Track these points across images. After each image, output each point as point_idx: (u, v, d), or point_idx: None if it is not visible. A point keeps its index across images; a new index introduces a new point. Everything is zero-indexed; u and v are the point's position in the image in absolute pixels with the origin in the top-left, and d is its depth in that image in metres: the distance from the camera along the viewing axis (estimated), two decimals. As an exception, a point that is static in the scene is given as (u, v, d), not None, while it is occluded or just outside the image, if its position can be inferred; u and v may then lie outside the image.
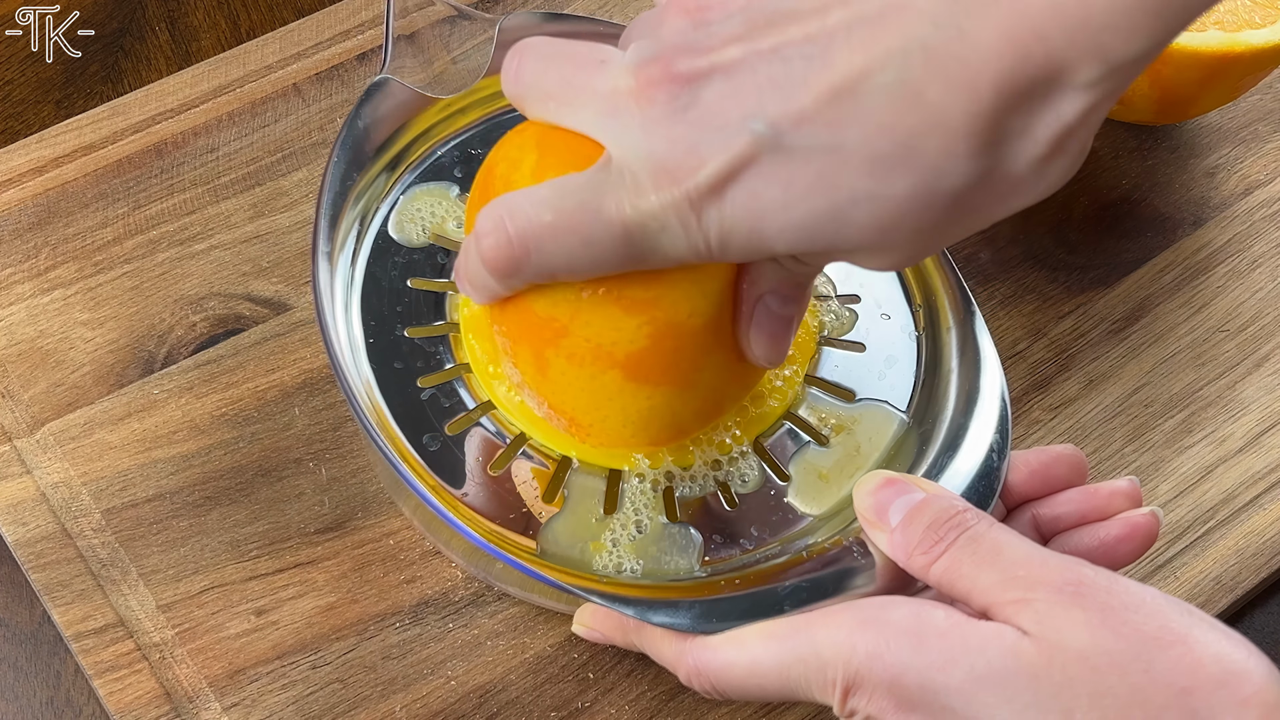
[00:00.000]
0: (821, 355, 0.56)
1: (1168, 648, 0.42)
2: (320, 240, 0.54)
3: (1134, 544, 0.50)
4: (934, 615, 0.44)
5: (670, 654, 0.49)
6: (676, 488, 0.53)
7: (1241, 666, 0.42)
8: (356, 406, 0.52)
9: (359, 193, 0.56)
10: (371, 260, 0.56)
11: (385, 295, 0.55)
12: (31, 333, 0.61)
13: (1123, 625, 0.42)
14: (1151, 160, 0.71)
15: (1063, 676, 0.42)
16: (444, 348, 0.55)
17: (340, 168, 0.56)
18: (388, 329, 0.55)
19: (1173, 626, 0.42)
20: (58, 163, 0.65)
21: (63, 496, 0.57)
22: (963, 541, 0.45)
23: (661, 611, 0.48)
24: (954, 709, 0.43)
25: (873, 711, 0.44)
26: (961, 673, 0.43)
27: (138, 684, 0.54)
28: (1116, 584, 0.43)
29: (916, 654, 0.43)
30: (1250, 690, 0.41)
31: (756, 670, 0.47)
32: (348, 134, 0.56)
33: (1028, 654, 0.42)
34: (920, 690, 0.43)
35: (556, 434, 0.53)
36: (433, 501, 0.51)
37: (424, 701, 0.55)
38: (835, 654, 0.44)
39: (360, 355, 0.54)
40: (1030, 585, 0.43)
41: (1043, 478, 0.52)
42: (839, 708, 0.45)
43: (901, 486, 0.48)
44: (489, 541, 0.50)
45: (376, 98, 0.57)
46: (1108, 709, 0.41)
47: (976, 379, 0.55)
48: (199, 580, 0.56)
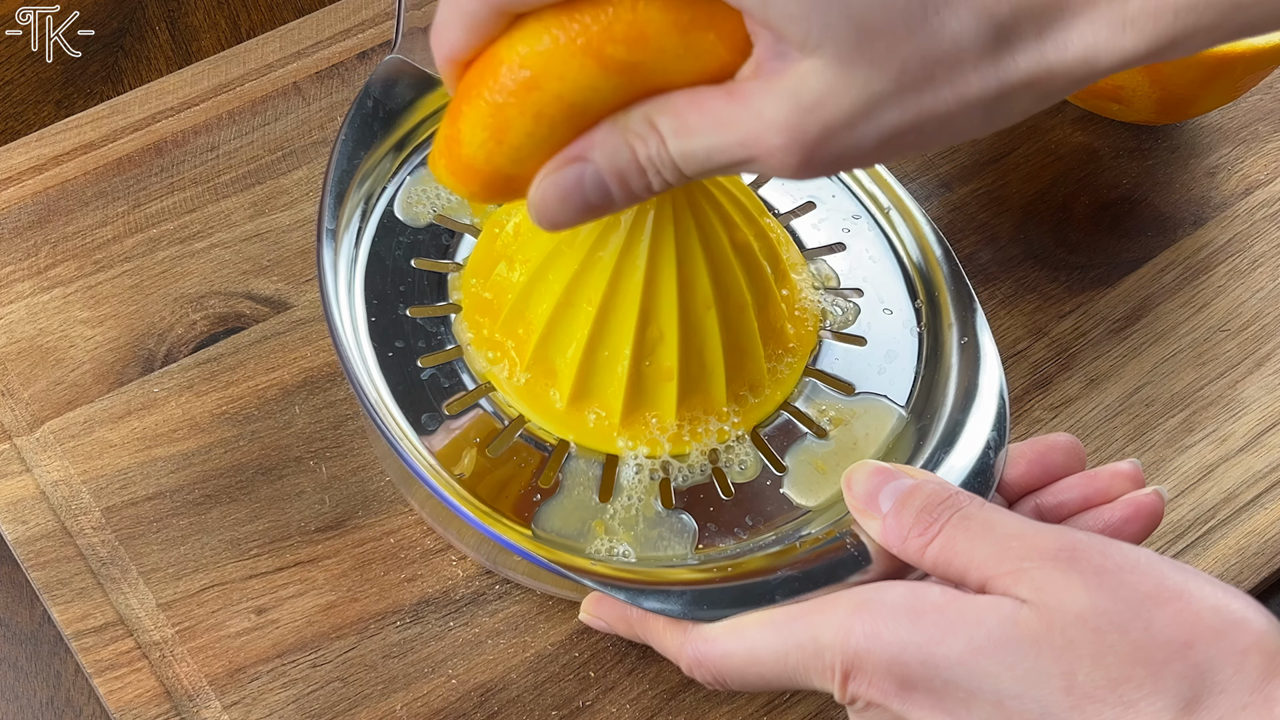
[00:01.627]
0: (822, 348, 0.56)
1: (1165, 604, 0.42)
2: (325, 217, 0.54)
3: (1140, 524, 0.50)
4: (929, 592, 0.44)
5: (672, 645, 0.49)
6: (673, 475, 0.53)
7: (1240, 616, 0.42)
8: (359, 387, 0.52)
9: (365, 172, 0.56)
10: (376, 240, 0.56)
11: (389, 274, 0.56)
12: (31, 331, 0.61)
13: (1119, 585, 0.42)
14: (1151, 160, 0.71)
15: (1063, 640, 0.42)
16: (445, 328, 0.55)
17: (347, 146, 0.56)
18: (390, 308, 0.55)
19: (1168, 583, 0.42)
20: (58, 161, 0.65)
21: (63, 495, 0.57)
22: (955, 520, 0.45)
23: (653, 597, 0.48)
24: (956, 682, 0.43)
25: (874, 695, 0.44)
26: (961, 644, 0.43)
27: (138, 682, 0.54)
28: (1110, 546, 0.44)
29: (914, 630, 0.43)
30: (1251, 639, 0.41)
31: (755, 659, 0.46)
32: (355, 113, 0.56)
33: (1027, 621, 0.42)
34: (921, 666, 0.43)
35: (555, 417, 0.53)
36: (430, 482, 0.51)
37: (425, 700, 0.55)
38: (833, 638, 0.44)
39: (362, 333, 0.54)
40: (1024, 555, 0.44)
41: (1041, 467, 0.52)
42: (840, 693, 0.45)
43: (890, 473, 0.48)
44: (484, 523, 0.50)
45: (386, 78, 0.57)
46: (1110, 668, 0.41)
47: (976, 375, 0.55)
48: (199, 579, 0.56)
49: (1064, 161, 0.71)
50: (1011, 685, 0.42)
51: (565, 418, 0.53)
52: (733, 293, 0.52)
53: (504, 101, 0.44)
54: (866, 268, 0.59)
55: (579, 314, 0.52)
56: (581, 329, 0.52)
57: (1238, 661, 0.41)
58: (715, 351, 0.53)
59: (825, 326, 0.57)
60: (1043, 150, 0.71)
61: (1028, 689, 0.42)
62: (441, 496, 0.51)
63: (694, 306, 0.52)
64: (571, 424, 0.53)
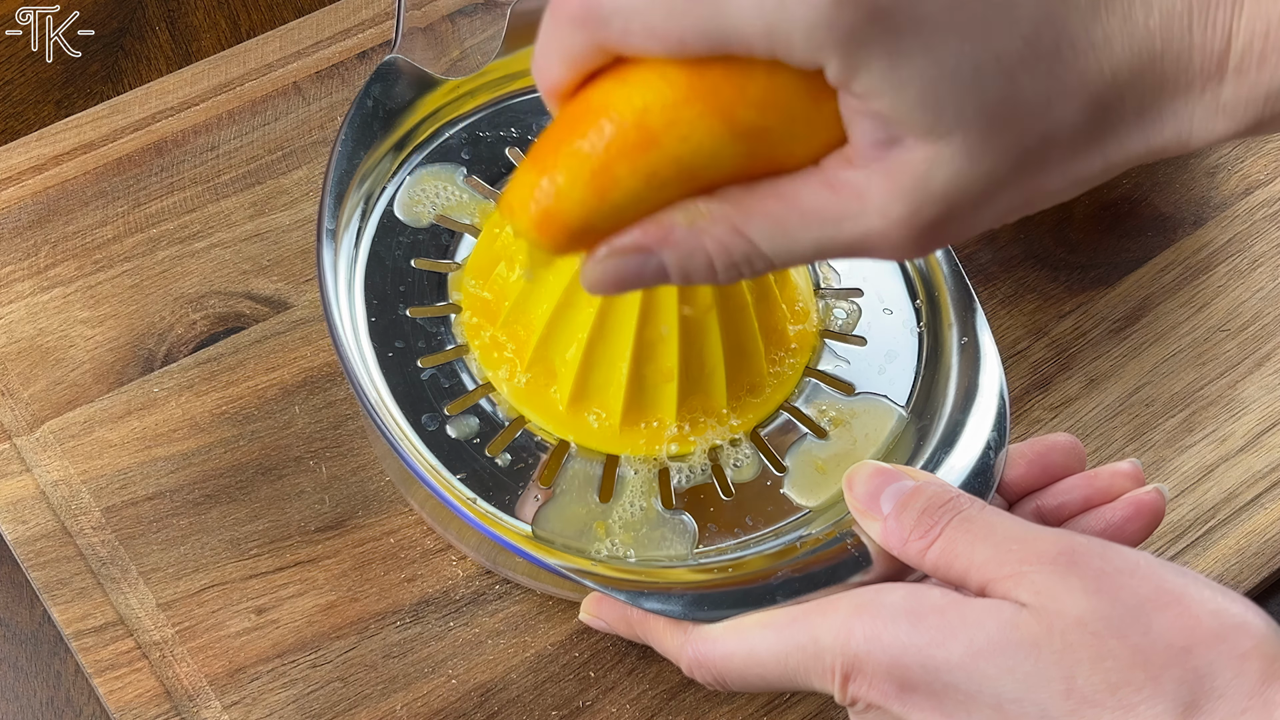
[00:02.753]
0: (822, 348, 0.56)
1: (1165, 608, 0.42)
2: (325, 217, 0.54)
3: (1141, 522, 0.50)
4: (930, 595, 0.44)
5: (672, 645, 0.49)
6: (673, 475, 0.53)
7: (1239, 620, 0.42)
8: (358, 388, 0.52)
9: (365, 172, 0.56)
10: (376, 240, 0.56)
11: (389, 275, 0.56)
12: (31, 331, 0.61)
13: (1119, 589, 0.42)
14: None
15: (1063, 643, 0.42)
16: (445, 328, 0.55)
17: (347, 146, 0.56)
18: (390, 308, 0.55)
19: (1168, 587, 0.42)
20: (58, 160, 0.65)
21: (62, 494, 0.57)
22: (956, 523, 0.45)
23: (654, 598, 0.48)
24: (956, 685, 0.43)
25: (874, 697, 0.44)
26: (961, 647, 0.43)
27: (138, 682, 0.54)
28: (1109, 550, 0.44)
29: (914, 633, 0.43)
30: (1250, 644, 0.41)
31: (756, 660, 0.47)
32: (356, 113, 0.56)
33: (1027, 624, 0.42)
34: (921, 669, 0.43)
35: (556, 418, 0.53)
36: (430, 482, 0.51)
37: (425, 700, 0.55)
38: (833, 640, 0.44)
39: (362, 333, 0.54)
40: (1024, 559, 0.44)
41: (1041, 467, 0.52)
42: (840, 695, 0.45)
43: (891, 475, 0.48)
44: (484, 523, 0.50)
45: (386, 78, 0.57)
46: (1109, 672, 0.41)
47: (976, 376, 0.55)
48: (199, 578, 0.56)
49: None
50: (1011, 689, 0.42)
51: (566, 418, 0.53)
52: (733, 293, 0.52)
53: (614, 159, 0.40)
54: (867, 268, 0.59)
55: (579, 315, 0.52)
56: (581, 330, 0.52)
57: (1237, 666, 0.41)
58: (716, 352, 0.53)
59: (826, 327, 0.57)
60: (1043, 150, 0.71)
61: (1027, 692, 0.42)
62: (441, 497, 0.51)
63: (694, 307, 0.52)
64: (572, 425, 0.53)
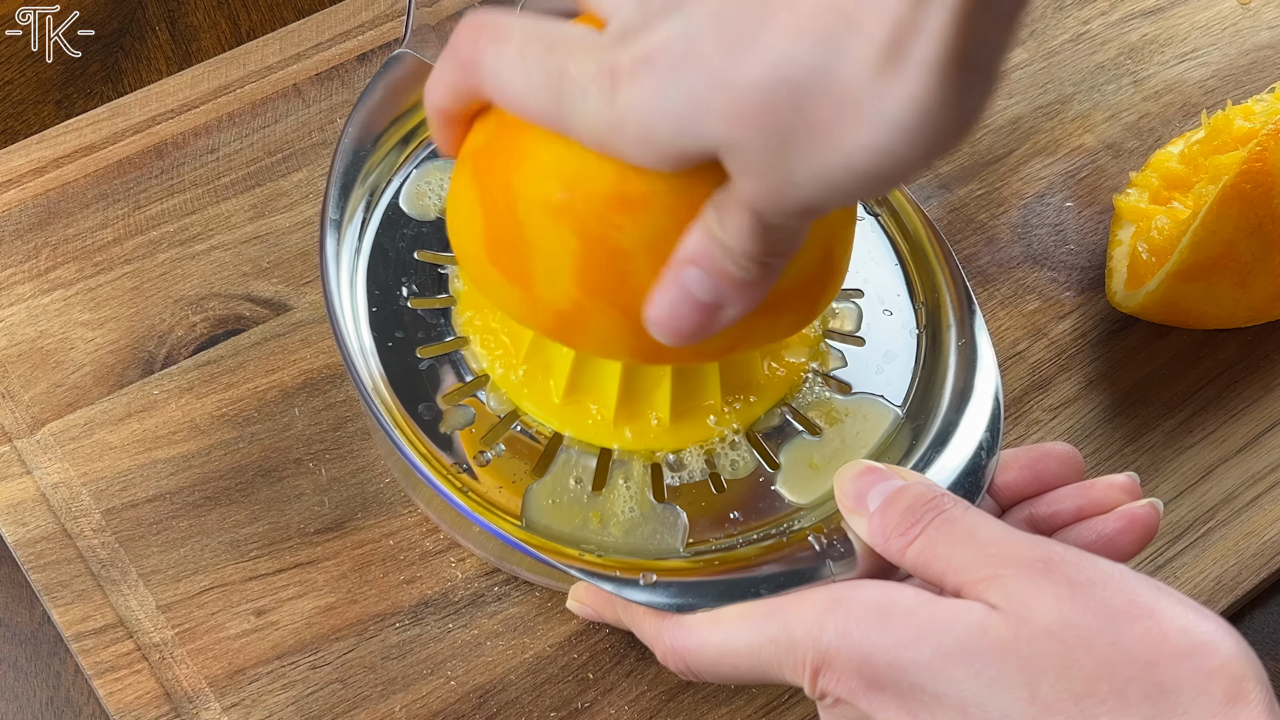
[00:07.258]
0: (821, 348, 0.57)
1: (1134, 621, 0.42)
2: (329, 207, 0.54)
3: (1133, 536, 0.49)
4: (903, 594, 0.44)
5: (650, 631, 0.49)
6: (667, 470, 0.53)
7: (1208, 639, 0.42)
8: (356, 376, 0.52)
9: (371, 165, 0.57)
10: (380, 231, 0.56)
11: (391, 266, 0.56)
12: (32, 333, 0.61)
13: (1090, 599, 0.42)
14: (1152, 160, 0.71)
15: (1029, 650, 0.42)
16: (445, 320, 0.55)
17: (354, 138, 0.56)
18: (391, 299, 0.55)
19: (1140, 601, 0.42)
20: (58, 163, 0.65)
21: (63, 497, 0.57)
22: (938, 523, 0.45)
23: (640, 589, 0.49)
24: (922, 685, 0.43)
25: (842, 692, 0.44)
26: (929, 649, 0.43)
27: (137, 684, 0.54)
28: (1085, 560, 0.44)
29: (885, 632, 0.44)
30: (1216, 662, 0.41)
31: (729, 650, 0.47)
32: (363, 106, 0.57)
33: (995, 628, 0.42)
34: (889, 668, 0.43)
35: (552, 411, 0.53)
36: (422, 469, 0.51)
37: (424, 702, 0.55)
38: (805, 634, 0.45)
39: (363, 323, 0.54)
40: (1000, 563, 0.44)
41: (1034, 473, 0.52)
42: (810, 688, 0.45)
43: (881, 474, 0.49)
44: (477, 513, 0.51)
45: (394, 71, 0.57)
46: (1074, 681, 0.41)
47: (971, 377, 0.55)
48: (199, 580, 0.56)
49: (1064, 162, 0.71)
50: (975, 692, 0.42)
51: (561, 411, 0.54)
52: None
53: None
54: (867, 268, 0.59)
55: None
56: None
57: (1202, 684, 0.41)
58: None
59: (826, 326, 0.57)
60: (1043, 151, 0.71)
61: (991, 697, 0.42)
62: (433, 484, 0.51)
63: None
64: (568, 417, 0.54)
